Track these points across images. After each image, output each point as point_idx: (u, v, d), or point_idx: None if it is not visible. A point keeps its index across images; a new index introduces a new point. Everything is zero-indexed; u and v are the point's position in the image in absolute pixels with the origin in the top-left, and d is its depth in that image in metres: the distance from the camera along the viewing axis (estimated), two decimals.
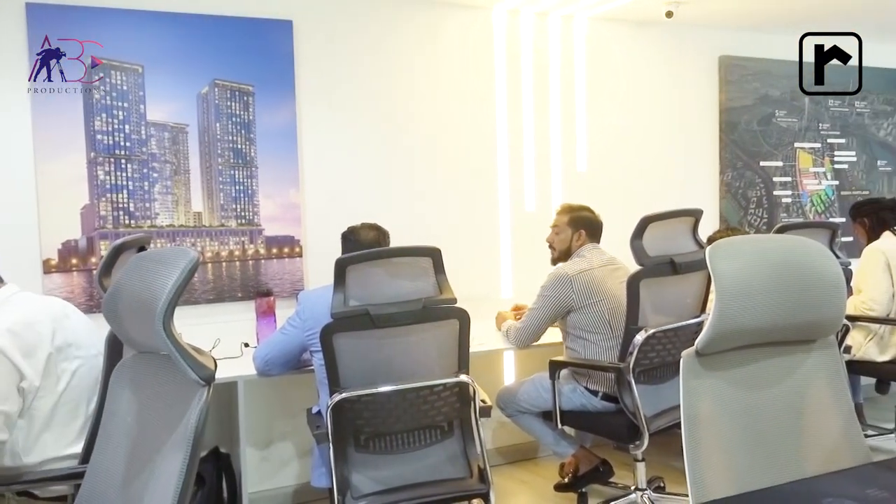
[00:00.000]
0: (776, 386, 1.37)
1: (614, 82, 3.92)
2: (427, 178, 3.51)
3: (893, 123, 4.77)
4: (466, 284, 3.37)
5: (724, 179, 4.22)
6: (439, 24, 3.51)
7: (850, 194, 4.56)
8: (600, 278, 2.79)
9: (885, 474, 1.27)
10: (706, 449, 1.28)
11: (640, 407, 2.53)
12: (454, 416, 2.25)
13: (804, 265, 1.36)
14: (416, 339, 2.19)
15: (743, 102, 4.24)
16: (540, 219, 3.42)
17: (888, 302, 3.32)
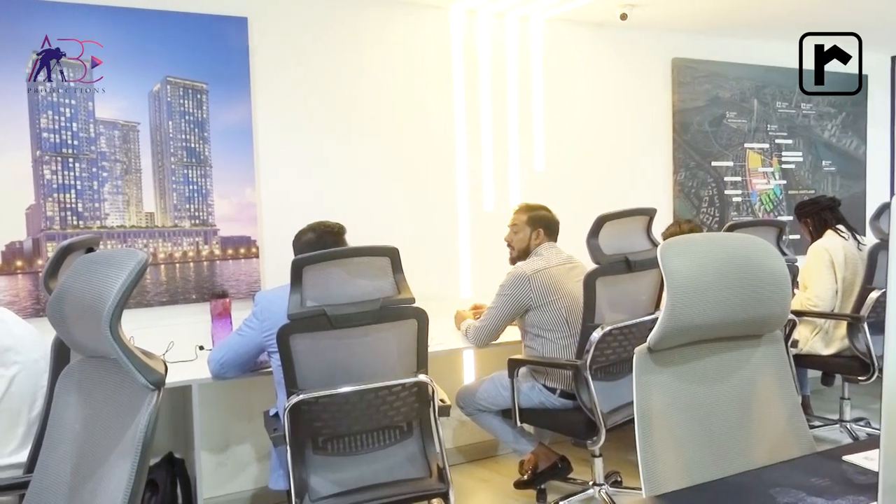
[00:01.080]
0: (725, 380, 1.40)
1: (571, 83, 3.97)
2: (385, 177, 3.49)
3: (837, 125, 4.95)
4: (425, 284, 3.37)
5: (677, 179, 4.31)
6: (397, 23, 3.50)
7: (797, 193, 4.72)
8: (558, 277, 2.82)
9: (828, 463, 1.32)
10: (659, 443, 1.31)
11: (596, 403, 2.57)
12: (413, 416, 2.25)
13: (751, 263, 1.39)
14: (374, 340, 2.18)
15: (695, 104, 4.34)
16: (498, 218, 3.44)
17: (832, 298, 3.44)
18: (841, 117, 4.96)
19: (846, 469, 1.29)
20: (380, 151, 3.48)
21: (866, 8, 3.89)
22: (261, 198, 3.21)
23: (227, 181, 3.13)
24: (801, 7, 3.83)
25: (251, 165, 3.17)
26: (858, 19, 4.15)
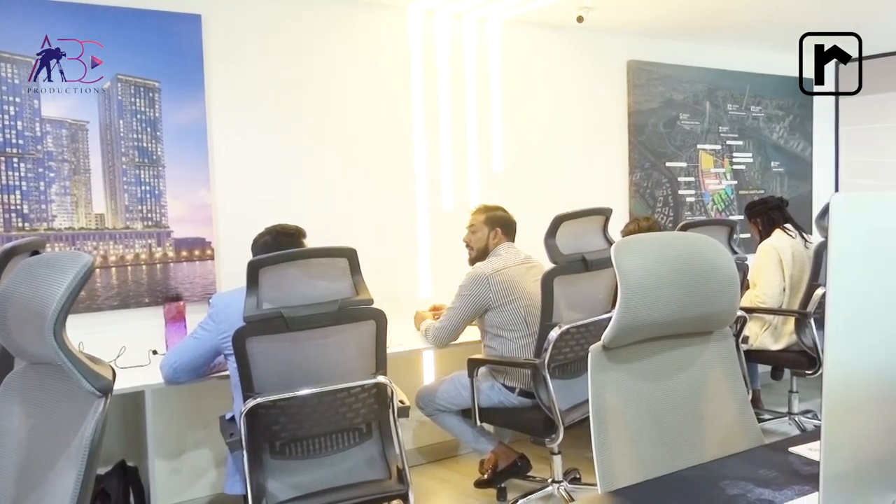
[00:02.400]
0: (677, 376, 1.43)
1: (529, 84, 4.00)
2: (344, 177, 3.47)
3: (785, 127, 5.11)
4: (384, 285, 3.36)
5: (633, 179, 4.39)
6: (354, 22, 3.48)
7: (747, 193, 4.85)
8: (516, 277, 2.84)
9: (775, 455, 1.36)
10: (613, 439, 1.33)
11: (555, 401, 2.60)
12: (372, 418, 2.24)
13: (701, 261, 1.43)
14: (332, 341, 2.17)
15: (650, 105, 4.42)
16: (457, 219, 3.45)
17: (780, 295, 3.55)
18: (788, 120, 5.11)
19: (792, 460, 1.33)
20: (338, 152, 3.45)
21: (811, 16, 4.02)
22: (216, 199, 3.16)
23: (180, 182, 3.07)
24: (750, 14, 3.94)
25: (206, 166, 3.11)
26: (803, 26, 4.29)
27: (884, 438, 0.86)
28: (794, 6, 3.84)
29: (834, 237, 0.81)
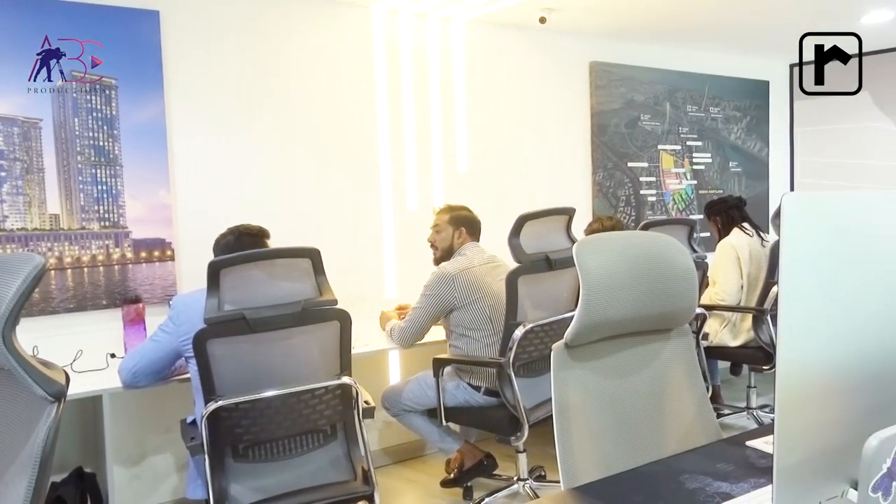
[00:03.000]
0: (638, 373, 1.46)
1: (493, 85, 4.02)
2: (307, 177, 3.44)
3: (742, 128, 5.23)
4: (349, 285, 3.34)
5: (595, 179, 4.44)
6: (318, 20, 3.45)
7: (707, 193, 4.95)
8: (481, 276, 2.85)
9: (733, 449, 1.39)
10: (576, 436, 1.34)
11: (519, 400, 2.62)
12: (337, 419, 2.23)
13: (661, 260, 1.45)
14: (296, 343, 2.15)
15: (612, 106, 4.48)
16: (422, 218, 3.45)
17: (738, 292, 3.63)
18: (746, 121, 5.24)
19: (749, 454, 1.36)
20: (301, 151, 3.42)
21: (767, 19, 4.12)
22: (176, 199, 3.10)
23: (139, 181, 3.00)
24: (709, 17, 4.02)
25: (165, 165, 3.05)
26: (760, 29, 4.41)
27: (834, 430, 0.89)
28: (751, 11, 3.94)
29: (785, 236, 0.83)
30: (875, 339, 0.89)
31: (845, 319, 0.87)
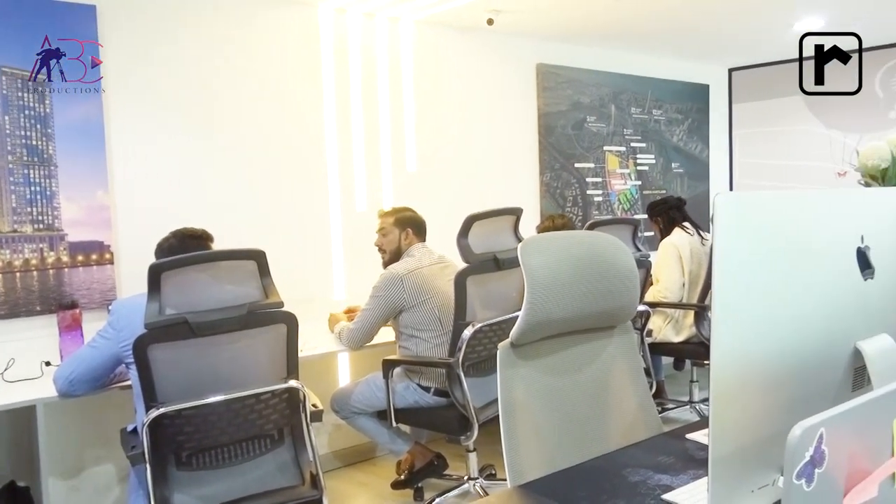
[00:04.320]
0: (583, 370, 1.48)
1: (442, 85, 4.03)
2: (253, 177, 3.38)
3: (684, 130, 5.38)
4: (297, 287, 3.30)
5: (543, 180, 4.50)
6: (263, 18, 3.39)
7: (651, 193, 5.07)
8: (430, 277, 2.86)
9: (673, 442, 1.43)
10: (522, 434, 1.36)
11: (469, 399, 2.63)
12: (284, 424, 2.19)
13: (604, 259, 1.48)
14: (241, 346, 2.10)
15: (558, 108, 4.55)
16: (371, 219, 3.42)
17: (680, 289, 3.74)
18: (687, 123, 5.39)
19: (689, 446, 1.40)
20: (247, 151, 3.36)
21: (706, 26, 4.26)
22: (115, 200, 3.00)
23: (75, 182, 2.89)
24: (651, 23, 4.13)
25: (103, 165, 2.95)
26: (700, 36, 4.54)
27: (765, 421, 0.92)
28: (690, 18, 4.05)
29: (718, 235, 0.86)
30: (802, 332, 0.93)
31: (775, 315, 0.91)
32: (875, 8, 4.05)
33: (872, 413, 0.68)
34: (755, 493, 0.93)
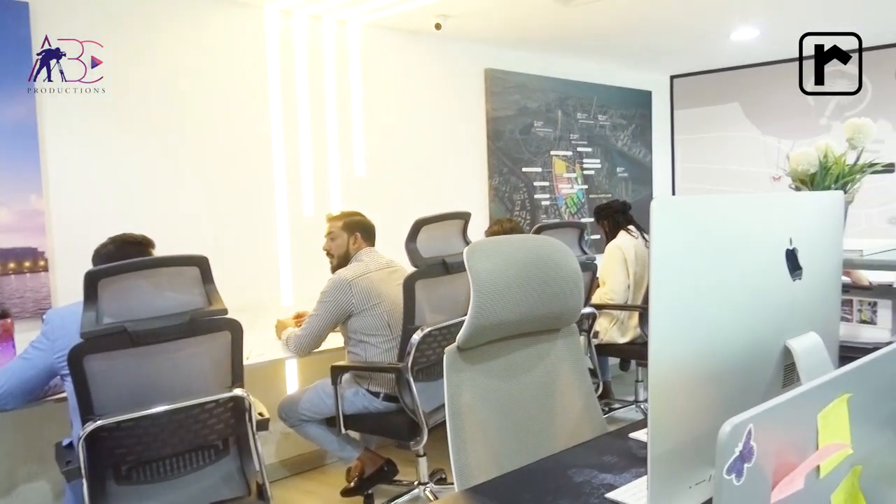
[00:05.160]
0: (529, 373, 1.50)
1: (390, 89, 4.02)
2: (196, 181, 3.30)
3: (628, 135, 5.51)
4: (243, 293, 3.25)
5: (492, 184, 4.54)
6: (207, 19, 3.32)
7: (597, 197, 5.17)
8: (379, 281, 2.84)
9: (617, 441, 1.45)
10: (469, 438, 1.36)
11: (418, 404, 2.63)
12: (229, 433, 2.15)
13: (549, 262, 1.50)
14: (184, 355, 2.05)
15: (506, 112, 4.60)
16: (319, 223, 3.39)
17: (625, 291, 3.82)
18: (631, 128, 5.52)
19: (631, 445, 1.43)
20: (190, 154, 3.28)
21: (648, 35, 4.37)
22: (49, 205, 2.88)
23: (6, 186, 2.77)
24: (595, 30, 4.21)
25: (37, 169, 2.84)
26: (642, 44, 4.66)
27: (701, 419, 0.95)
28: (633, 26, 4.16)
29: (654, 238, 0.88)
30: (735, 332, 0.97)
31: (709, 315, 0.94)
32: (804, 21, 4.23)
33: (798, 408, 0.71)
34: (693, 489, 0.95)
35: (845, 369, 0.77)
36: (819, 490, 0.72)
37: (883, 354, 0.82)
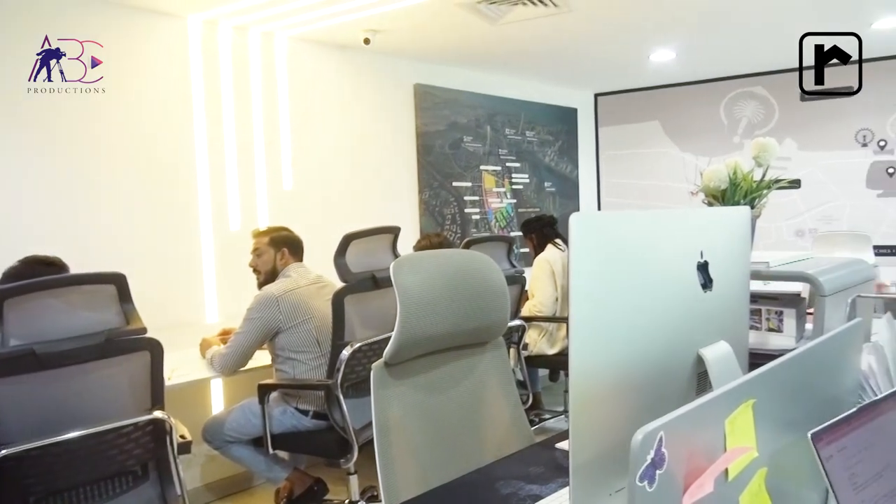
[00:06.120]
0: (457, 387, 1.51)
1: (318, 103, 3.99)
2: (115, 196, 3.17)
3: (555, 151, 5.65)
4: (166, 311, 3.13)
5: (422, 198, 4.56)
6: (128, 29, 3.21)
7: (525, 211, 5.27)
8: (307, 297, 2.80)
9: (544, 452, 1.48)
10: (397, 454, 1.36)
11: (349, 421, 2.59)
12: (148, 458, 2.06)
13: (475, 276, 1.52)
14: (99, 377, 1.96)
15: (436, 128, 4.63)
16: (246, 238, 3.31)
17: (553, 304, 3.90)
18: (558, 144, 5.67)
19: (558, 455, 1.45)
20: (108, 169, 3.15)
21: (572, 54, 4.51)
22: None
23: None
24: (522, 48, 4.31)
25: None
26: (567, 62, 4.80)
27: (621, 427, 0.97)
28: (557, 45, 4.28)
29: (573, 252, 0.91)
30: (650, 342, 1.00)
31: (625, 326, 0.97)
32: (717, 44, 4.47)
33: (707, 414, 0.74)
34: (613, 496, 0.98)
35: (749, 376, 0.81)
36: (728, 493, 0.76)
37: (784, 361, 0.87)
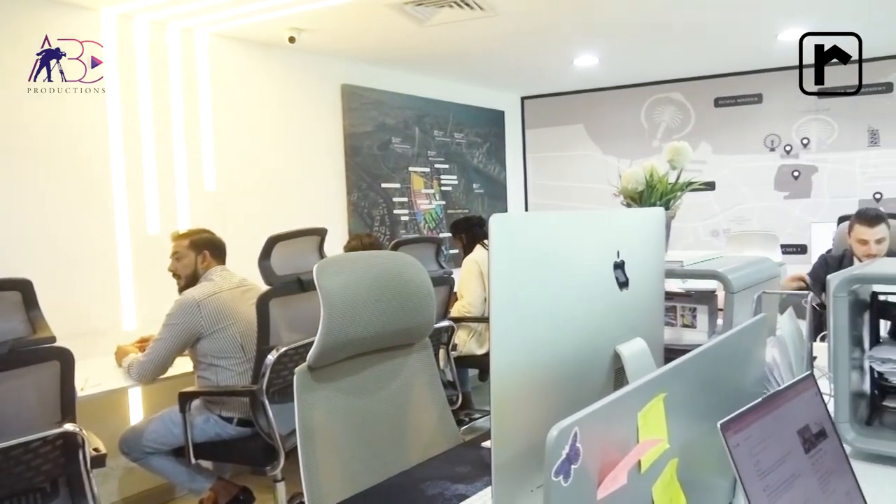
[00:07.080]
0: (383, 389, 1.50)
1: (242, 102, 3.89)
2: (20, 197, 2.99)
3: (483, 153, 5.71)
4: (79, 318, 2.99)
5: (351, 199, 4.52)
6: (37, 21, 3.03)
7: (454, 212, 5.30)
8: (230, 301, 2.73)
9: (470, 451, 1.49)
10: (322, 458, 1.34)
11: (274, 427, 2.54)
12: (59, 474, 1.95)
13: (400, 278, 1.51)
14: (3, 390, 1.85)
15: (364, 129, 4.60)
16: (166, 241, 3.19)
17: (482, 304, 3.94)
18: (486, 146, 5.73)
19: (484, 454, 1.46)
20: (16, 167, 2.97)
21: (499, 58, 4.57)
22: None
23: None
24: (449, 51, 4.34)
25: None
26: (494, 66, 4.87)
27: (541, 424, 0.99)
28: (483, 49, 4.33)
29: (493, 252, 0.92)
30: (569, 340, 1.02)
31: (544, 325, 0.99)
32: (637, 51, 4.63)
33: (620, 409, 0.76)
34: (534, 493, 0.99)
35: (660, 371, 0.84)
36: (641, 484, 0.78)
37: (694, 356, 0.91)
